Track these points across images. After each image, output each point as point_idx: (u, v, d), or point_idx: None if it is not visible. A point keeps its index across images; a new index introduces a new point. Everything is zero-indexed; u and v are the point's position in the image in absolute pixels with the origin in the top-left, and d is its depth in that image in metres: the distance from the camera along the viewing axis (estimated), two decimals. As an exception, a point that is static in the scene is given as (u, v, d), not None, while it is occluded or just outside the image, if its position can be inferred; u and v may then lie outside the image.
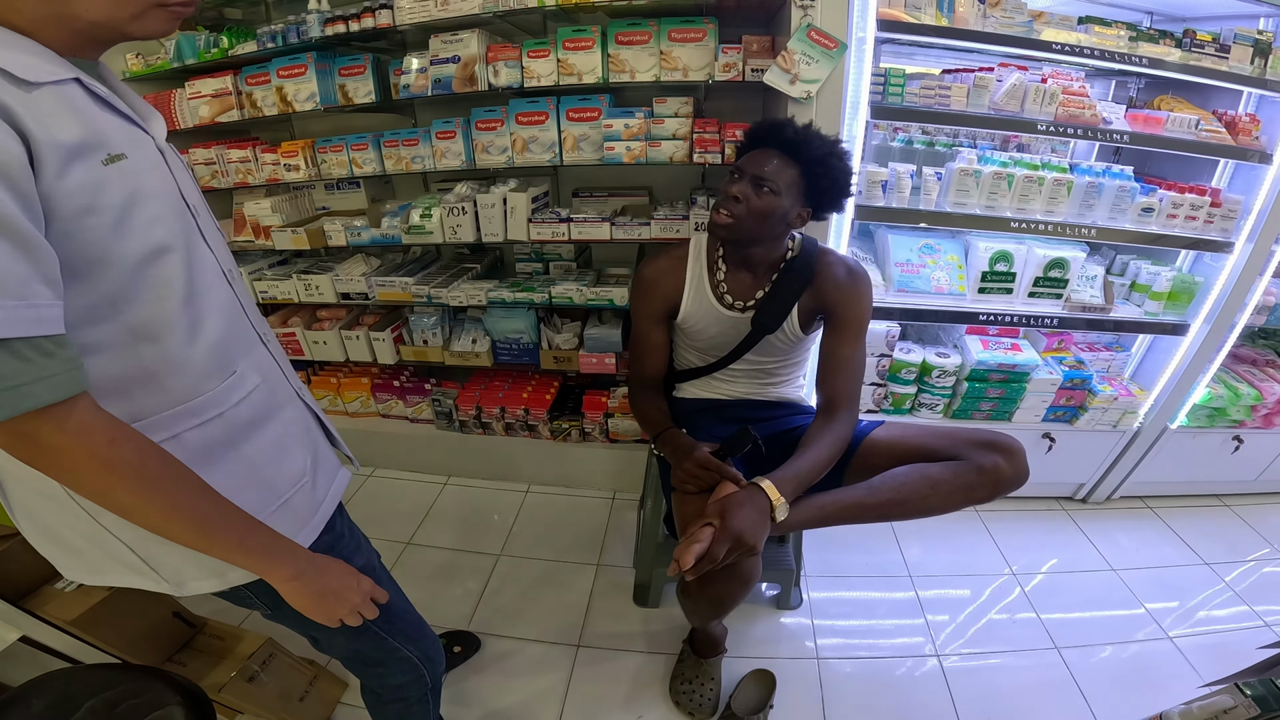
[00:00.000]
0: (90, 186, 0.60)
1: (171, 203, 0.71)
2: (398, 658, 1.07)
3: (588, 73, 1.70)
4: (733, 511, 1.09)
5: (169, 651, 1.33)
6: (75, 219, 0.59)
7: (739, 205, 1.25)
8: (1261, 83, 1.71)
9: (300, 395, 0.94)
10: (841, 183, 1.27)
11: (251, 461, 0.81)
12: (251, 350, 0.84)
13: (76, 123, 0.60)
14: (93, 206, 0.60)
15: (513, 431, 2.31)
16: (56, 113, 0.58)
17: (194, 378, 0.73)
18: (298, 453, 0.89)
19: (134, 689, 0.97)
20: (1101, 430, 2.13)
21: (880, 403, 2.17)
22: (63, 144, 0.57)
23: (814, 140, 1.24)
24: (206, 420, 0.75)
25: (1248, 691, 0.85)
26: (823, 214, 1.33)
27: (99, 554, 0.78)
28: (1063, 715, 1.55)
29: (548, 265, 2.20)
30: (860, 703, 1.58)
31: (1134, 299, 2.07)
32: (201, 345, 0.74)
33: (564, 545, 2.10)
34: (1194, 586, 1.97)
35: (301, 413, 0.93)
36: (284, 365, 0.92)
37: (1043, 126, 1.69)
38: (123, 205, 0.63)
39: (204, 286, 0.75)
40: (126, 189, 0.63)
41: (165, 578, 0.80)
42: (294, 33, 1.82)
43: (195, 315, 0.73)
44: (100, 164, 0.61)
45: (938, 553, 2.07)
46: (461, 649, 1.68)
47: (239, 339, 0.81)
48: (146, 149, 0.70)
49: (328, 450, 0.98)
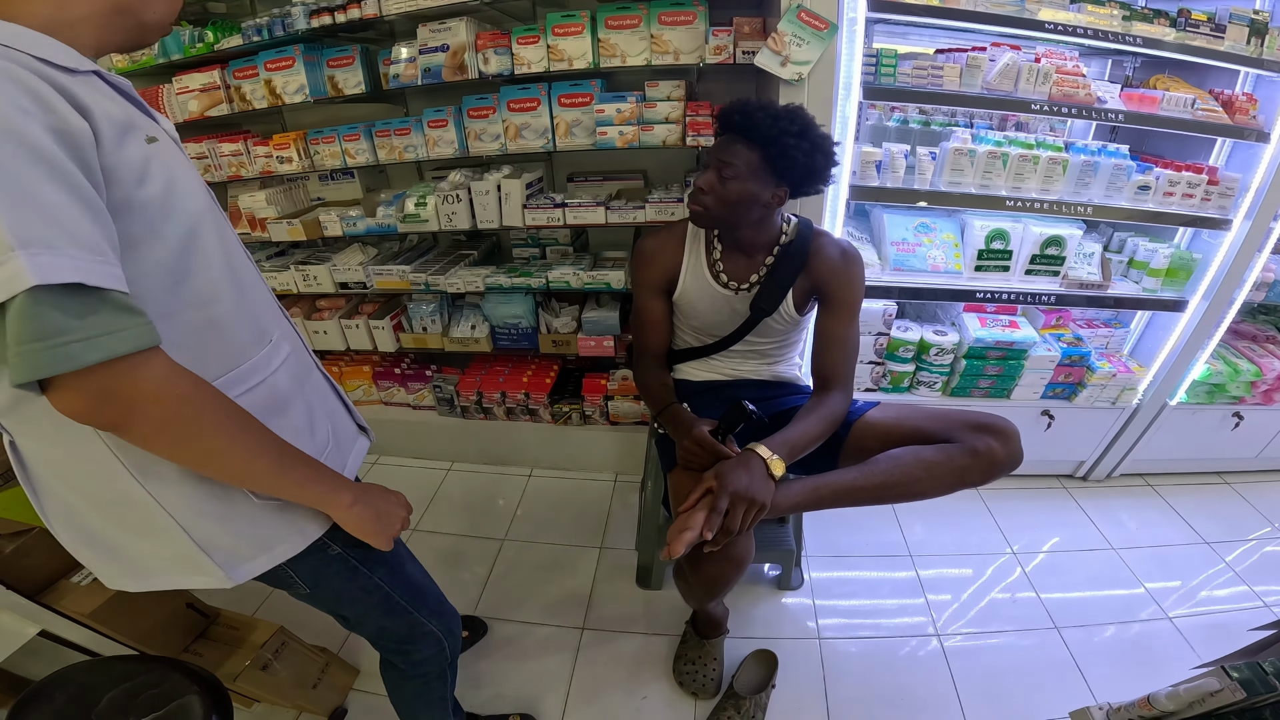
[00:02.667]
0: (140, 160, 0.65)
1: (198, 183, 0.76)
2: (423, 632, 1.11)
3: (578, 58, 1.68)
4: (728, 474, 1.10)
5: (185, 642, 1.37)
6: (133, 187, 0.63)
7: (706, 196, 1.27)
8: (1258, 62, 1.68)
9: (318, 367, 0.99)
10: (803, 160, 1.21)
11: (294, 428, 0.84)
12: (279, 321, 0.89)
13: (116, 105, 0.65)
14: (144, 178, 0.65)
15: (514, 416, 2.33)
16: (100, 94, 0.63)
17: (240, 345, 0.78)
18: (323, 420, 0.93)
19: (152, 679, 1.00)
20: (1101, 407, 2.13)
21: (878, 381, 2.17)
22: (116, 119, 0.62)
23: (766, 120, 1.20)
24: (253, 386, 0.79)
25: (1234, 675, 0.84)
26: (803, 192, 1.29)
27: (146, 549, 0.79)
28: (1063, 695, 1.56)
29: (544, 250, 2.20)
30: (862, 682, 1.61)
31: (1132, 275, 2.06)
32: (245, 314, 0.79)
33: (567, 529, 2.13)
34: (1194, 566, 1.97)
35: (322, 383, 0.98)
36: (303, 338, 0.97)
37: (1037, 106, 1.67)
38: (166, 180, 0.68)
39: (239, 261, 0.80)
40: (166, 166, 0.68)
41: (218, 563, 0.79)
42: (279, 25, 1.81)
43: (238, 285, 0.78)
44: (144, 142, 0.66)
45: (939, 532, 2.09)
46: (469, 634, 1.71)
47: (269, 310, 0.87)
48: (166, 135, 0.75)
49: (345, 419, 1.02)
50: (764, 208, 1.28)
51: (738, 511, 1.08)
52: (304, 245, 2.32)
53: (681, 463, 1.29)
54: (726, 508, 1.07)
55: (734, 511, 1.08)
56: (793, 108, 1.23)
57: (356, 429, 1.05)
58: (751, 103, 1.23)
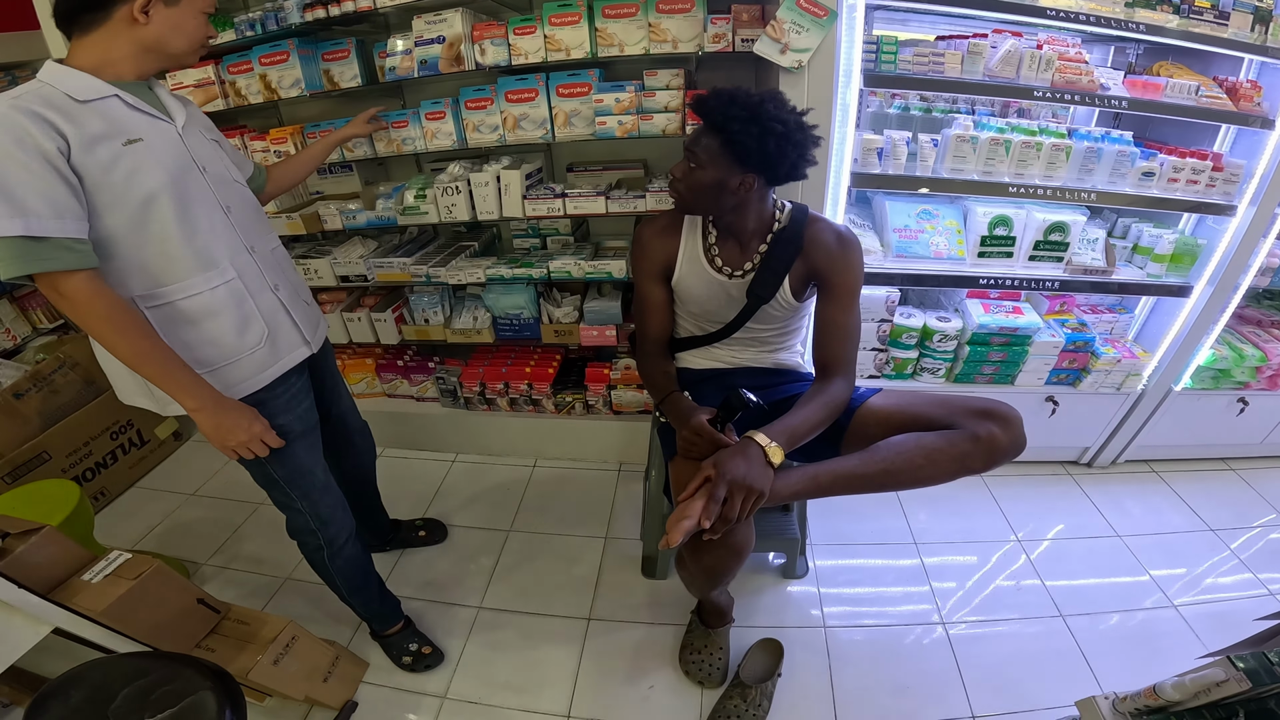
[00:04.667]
0: (109, 158, 0.99)
1: (179, 164, 1.09)
2: (293, 508, 1.40)
3: (575, 48, 1.67)
4: (725, 463, 1.10)
5: (196, 638, 1.37)
6: (101, 174, 0.98)
7: (679, 184, 1.30)
8: (1262, 49, 1.67)
9: (276, 292, 1.28)
10: (754, 145, 1.18)
11: (219, 330, 1.16)
12: (238, 254, 1.20)
13: (103, 122, 1.00)
14: (110, 169, 0.99)
15: (517, 407, 2.34)
16: (91, 116, 0.99)
17: (184, 268, 1.10)
18: (257, 328, 1.22)
19: (166, 676, 1.01)
20: (1105, 393, 2.12)
21: (882, 368, 2.17)
22: (92, 134, 0.97)
23: (719, 106, 1.19)
24: (174, 300, 1.11)
25: (1240, 665, 0.84)
26: (777, 178, 1.26)
27: (131, 381, 1.19)
28: (1068, 684, 1.56)
29: (545, 240, 2.20)
30: (867, 670, 1.61)
31: (1136, 261, 2.04)
32: (191, 249, 1.11)
33: (572, 519, 2.14)
34: (1200, 553, 1.97)
35: (272, 303, 1.26)
36: (268, 271, 1.27)
37: (1039, 93, 1.66)
38: (130, 169, 1.01)
39: (198, 214, 1.12)
40: (137, 159, 1.02)
41: (157, 398, 1.18)
42: (272, 19, 1.79)
43: (188, 231, 1.10)
44: (121, 145, 1.01)
45: (943, 519, 2.09)
46: (426, 534, 2.04)
47: (225, 246, 1.17)
48: (166, 132, 1.10)
49: (291, 332, 1.31)
50: (734, 195, 1.27)
51: (736, 499, 1.08)
52: (304, 239, 2.32)
53: (681, 451, 1.29)
54: (725, 496, 1.07)
55: (732, 500, 1.08)
56: (759, 92, 1.21)
57: (302, 340, 1.34)
58: (718, 89, 1.22)
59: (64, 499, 1.69)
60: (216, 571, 2.00)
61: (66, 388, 2.26)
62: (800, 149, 1.21)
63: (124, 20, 1.02)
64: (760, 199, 1.32)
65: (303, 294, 1.41)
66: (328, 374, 1.54)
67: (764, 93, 1.21)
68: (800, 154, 1.22)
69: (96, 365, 1.26)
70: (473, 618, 1.80)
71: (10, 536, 1.20)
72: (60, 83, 0.99)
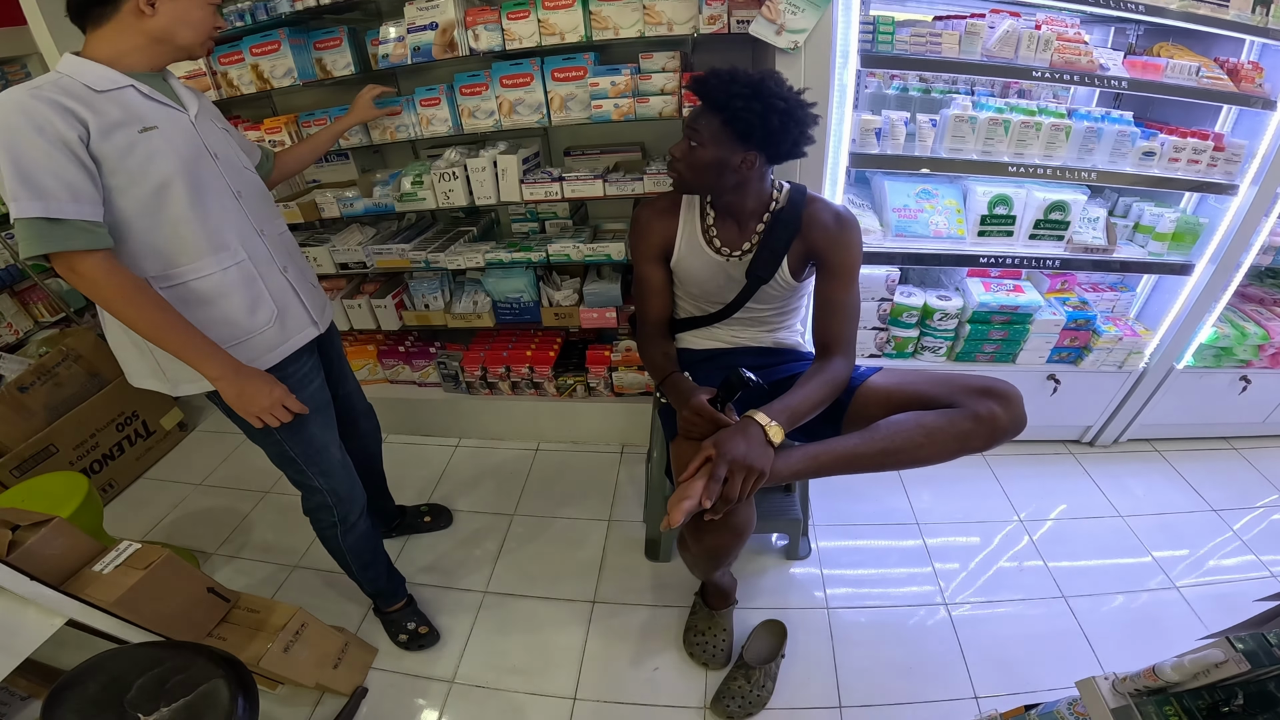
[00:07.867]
0: (126, 144, 1.05)
1: (192, 150, 1.15)
2: (309, 485, 1.44)
3: (570, 31, 1.65)
4: (725, 443, 1.11)
5: (208, 626, 1.39)
6: (118, 160, 1.04)
7: (679, 163, 1.29)
8: (1264, 31, 1.65)
9: (284, 273, 1.33)
10: (758, 122, 1.18)
11: (232, 309, 1.21)
12: (249, 237, 1.25)
13: (120, 110, 1.05)
14: (127, 154, 1.05)
15: (519, 390, 2.35)
16: (109, 104, 1.04)
17: (196, 250, 1.15)
18: (267, 308, 1.27)
19: (179, 665, 1.03)
20: (1107, 371, 2.12)
21: (883, 347, 2.17)
22: (110, 120, 1.03)
23: (719, 85, 1.19)
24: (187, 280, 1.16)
25: (1239, 646, 0.83)
26: (778, 156, 1.27)
27: (142, 364, 1.24)
28: (1070, 664, 1.57)
29: (543, 224, 2.20)
30: (870, 651, 1.63)
31: (1137, 240, 2.03)
32: (204, 231, 1.16)
33: (575, 502, 2.16)
34: (1202, 534, 1.97)
35: (281, 284, 1.32)
36: (277, 253, 1.32)
37: (1038, 73, 1.64)
38: (146, 154, 1.07)
39: (210, 199, 1.18)
40: (152, 145, 1.08)
41: (169, 378, 1.23)
42: (262, 9, 1.78)
43: (201, 214, 1.15)
44: (137, 132, 1.06)
45: (946, 500, 2.10)
46: (431, 519, 2.06)
47: (236, 228, 1.23)
48: (179, 121, 1.15)
49: (299, 313, 1.36)
50: (735, 173, 1.27)
51: (736, 479, 1.08)
52: (302, 228, 2.31)
53: (681, 432, 1.29)
54: (725, 475, 1.08)
55: (732, 479, 1.08)
56: (757, 71, 1.21)
57: (310, 320, 1.38)
58: (717, 69, 1.22)
59: (73, 491, 1.71)
60: (225, 560, 2.02)
61: (71, 380, 2.27)
62: (801, 125, 1.22)
63: (132, 13, 1.06)
64: (760, 178, 1.32)
65: (310, 276, 1.46)
66: (335, 357, 1.57)
67: (763, 71, 1.21)
68: (801, 130, 1.22)
69: (100, 357, 1.28)
70: (479, 602, 1.82)
71: (21, 529, 1.22)
72: (78, 74, 1.04)
